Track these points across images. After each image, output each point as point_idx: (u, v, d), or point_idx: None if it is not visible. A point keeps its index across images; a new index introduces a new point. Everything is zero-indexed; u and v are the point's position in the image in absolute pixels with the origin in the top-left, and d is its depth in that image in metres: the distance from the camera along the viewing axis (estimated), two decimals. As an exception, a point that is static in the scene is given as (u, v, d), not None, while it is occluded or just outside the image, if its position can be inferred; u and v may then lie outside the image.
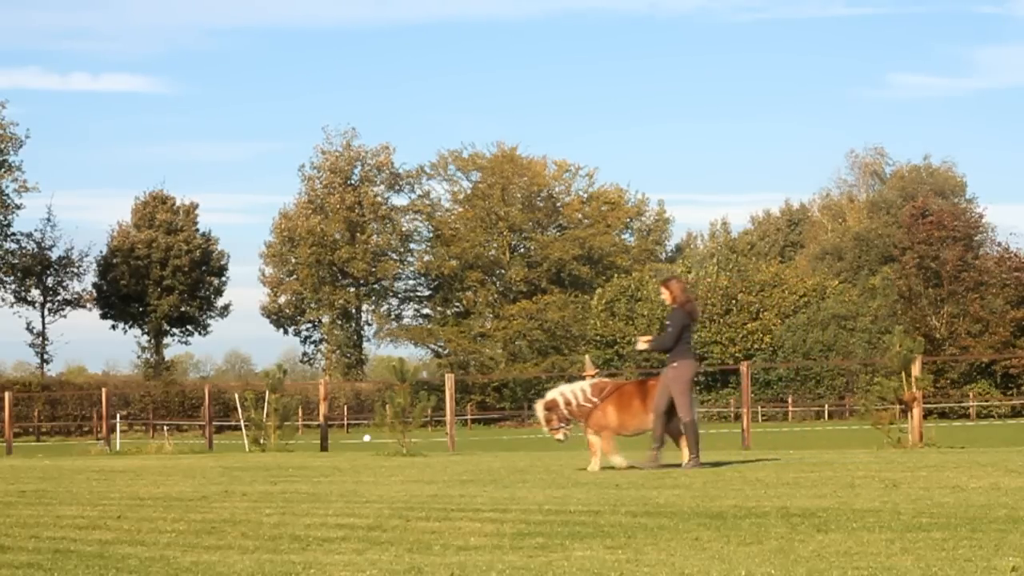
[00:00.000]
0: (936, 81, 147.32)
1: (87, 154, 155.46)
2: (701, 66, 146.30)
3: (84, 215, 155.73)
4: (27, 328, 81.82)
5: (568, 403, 16.34)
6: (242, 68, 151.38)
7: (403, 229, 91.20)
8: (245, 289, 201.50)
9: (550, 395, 16.61)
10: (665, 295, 16.32)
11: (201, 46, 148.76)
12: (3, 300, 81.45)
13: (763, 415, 71.53)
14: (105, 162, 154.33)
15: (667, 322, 16.23)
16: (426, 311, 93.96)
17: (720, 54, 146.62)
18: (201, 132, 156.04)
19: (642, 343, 16.64)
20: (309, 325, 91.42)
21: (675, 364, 15.87)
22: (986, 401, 68.77)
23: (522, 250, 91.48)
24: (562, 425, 16.45)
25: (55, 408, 71.34)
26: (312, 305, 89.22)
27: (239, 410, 34.98)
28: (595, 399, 16.24)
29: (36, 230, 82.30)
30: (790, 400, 74.94)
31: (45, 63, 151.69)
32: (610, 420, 16.25)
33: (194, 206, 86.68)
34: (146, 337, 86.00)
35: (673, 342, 15.95)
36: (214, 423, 41.27)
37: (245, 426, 33.35)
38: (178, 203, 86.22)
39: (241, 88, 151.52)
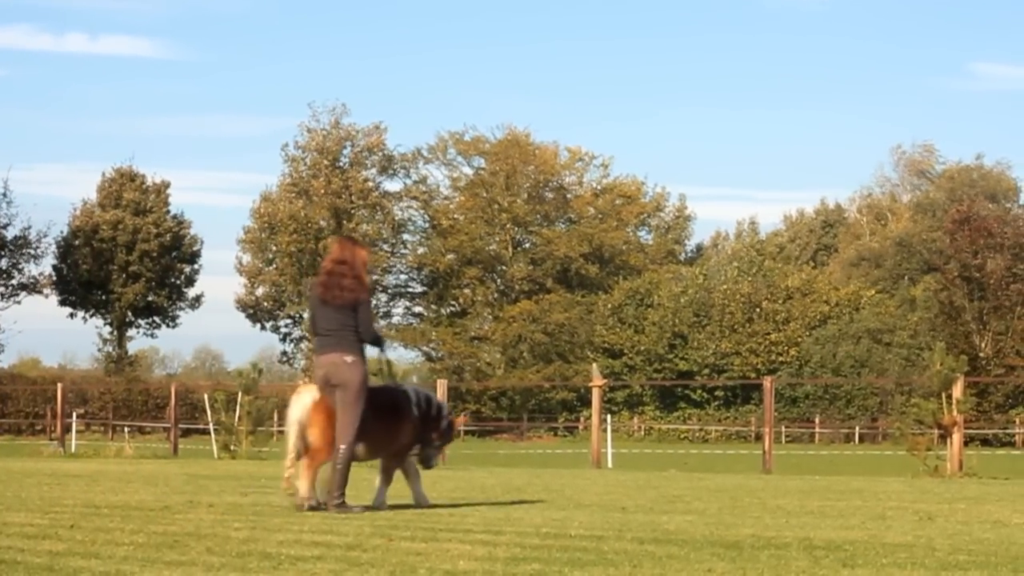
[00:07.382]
0: (1016, 72, 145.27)
1: (48, 124, 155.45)
2: (736, 47, 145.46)
3: (43, 191, 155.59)
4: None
5: None
6: (225, 34, 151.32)
7: (396, 217, 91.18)
8: (219, 278, 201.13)
9: None
10: None
11: (182, 6, 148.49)
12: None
13: (787, 436, 71.56)
14: (69, 133, 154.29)
15: None
16: (418, 309, 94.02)
17: (758, 34, 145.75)
18: (175, 103, 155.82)
19: None
20: (288, 321, 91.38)
21: None
22: (1034, 428, 68.78)
23: (526, 245, 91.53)
24: None
25: (5, 404, 71.38)
26: (292, 298, 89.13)
27: (208, 412, 35.06)
28: None
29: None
30: (817, 420, 74.94)
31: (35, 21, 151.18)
32: None
33: (166, 185, 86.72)
34: (108, 328, 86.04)
35: None
36: (180, 426, 41.34)
37: (214, 430, 33.44)
38: (148, 181, 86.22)
39: (222, 55, 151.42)
